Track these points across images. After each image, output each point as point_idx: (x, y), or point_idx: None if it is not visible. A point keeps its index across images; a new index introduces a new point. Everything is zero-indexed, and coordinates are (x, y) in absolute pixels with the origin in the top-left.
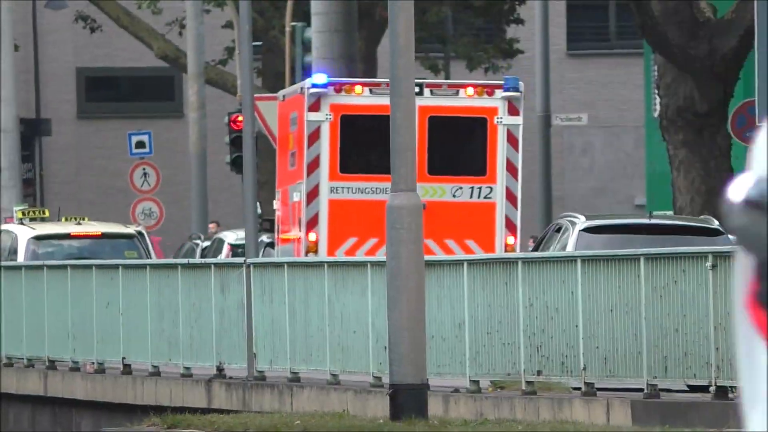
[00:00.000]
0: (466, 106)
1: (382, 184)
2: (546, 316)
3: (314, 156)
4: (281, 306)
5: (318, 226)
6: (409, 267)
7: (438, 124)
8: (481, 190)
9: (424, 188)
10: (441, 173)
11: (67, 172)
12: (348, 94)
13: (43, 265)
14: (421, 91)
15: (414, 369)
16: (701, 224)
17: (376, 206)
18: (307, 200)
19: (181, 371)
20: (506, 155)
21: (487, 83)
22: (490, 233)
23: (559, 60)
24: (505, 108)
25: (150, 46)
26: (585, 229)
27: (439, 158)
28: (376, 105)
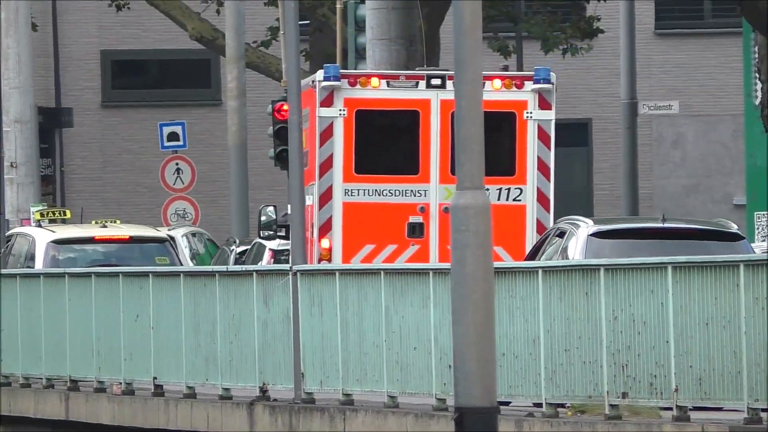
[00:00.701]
0: (494, 100)
1: (401, 185)
2: (632, 331)
3: (327, 155)
4: (332, 319)
5: (332, 231)
6: (477, 275)
7: None
8: (510, 192)
9: (447, 190)
10: None
11: (91, 168)
12: (363, 88)
13: (65, 273)
14: (443, 83)
15: (482, 390)
16: (719, 228)
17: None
18: (319, 204)
19: (220, 393)
20: (537, 153)
21: (516, 74)
22: (520, 239)
23: (646, 41)
24: (535, 101)
25: (184, 26)
26: (594, 234)
27: None
28: (395, 99)
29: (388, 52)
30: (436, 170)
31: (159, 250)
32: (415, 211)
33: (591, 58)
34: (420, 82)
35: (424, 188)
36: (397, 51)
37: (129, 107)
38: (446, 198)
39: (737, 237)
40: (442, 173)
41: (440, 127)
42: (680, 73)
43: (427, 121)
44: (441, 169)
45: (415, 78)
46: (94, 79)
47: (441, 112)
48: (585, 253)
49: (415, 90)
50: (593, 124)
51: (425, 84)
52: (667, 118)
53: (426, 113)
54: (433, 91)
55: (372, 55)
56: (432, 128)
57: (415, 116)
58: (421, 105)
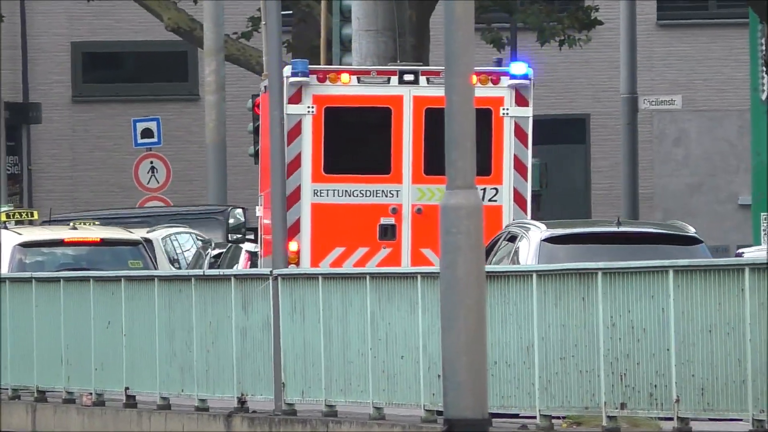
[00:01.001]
0: None
1: (372, 185)
2: (631, 338)
3: (295, 154)
4: (315, 326)
5: (300, 234)
6: (468, 279)
7: (436, 117)
8: (486, 192)
9: (420, 190)
10: (439, 173)
11: (61, 167)
12: (333, 84)
13: (32, 277)
14: (416, 79)
15: (473, 401)
16: (675, 232)
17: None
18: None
19: (196, 404)
20: (513, 151)
21: (492, 70)
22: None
23: (647, 32)
24: (512, 98)
25: (159, 16)
26: (547, 239)
27: (437, 156)
28: (366, 96)
29: (375, 44)
30: (408, 170)
31: (132, 254)
32: (386, 213)
33: (589, 51)
34: (392, 77)
35: (396, 188)
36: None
37: (101, 102)
38: (419, 199)
39: (695, 241)
40: (415, 173)
41: (413, 125)
42: (683, 67)
43: (399, 119)
44: (414, 168)
45: (387, 74)
46: (64, 72)
47: (414, 108)
48: (537, 258)
49: (387, 86)
50: (592, 120)
51: (398, 80)
52: (669, 114)
53: (398, 110)
54: (405, 87)
55: (358, 47)
56: (405, 126)
57: (387, 113)
58: (393, 102)
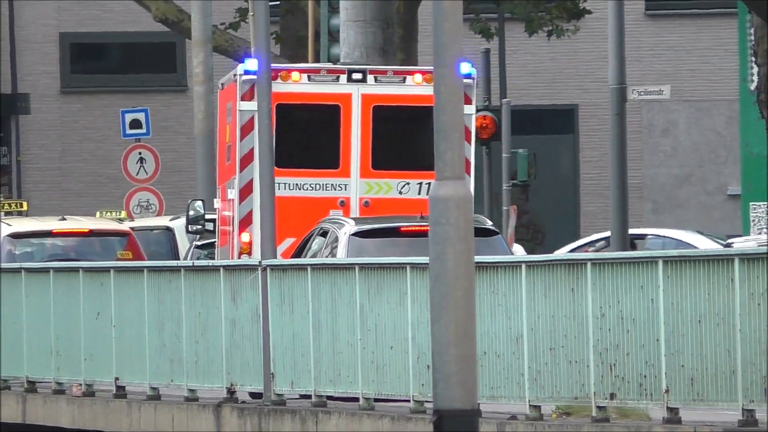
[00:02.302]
0: (414, 94)
1: (322, 179)
2: (621, 329)
3: (248, 149)
4: (304, 317)
5: (252, 225)
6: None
7: (383, 114)
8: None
9: (368, 184)
10: (386, 168)
11: (49, 157)
12: (285, 82)
13: (21, 267)
14: (364, 78)
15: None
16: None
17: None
18: (240, 197)
19: (185, 394)
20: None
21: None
22: None
23: (636, 22)
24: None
25: (147, 7)
26: (355, 233)
27: (385, 151)
28: (316, 93)
29: (363, 34)
30: (356, 164)
31: (121, 244)
32: (335, 205)
33: (577, 41)
34: (341, 76)
35: (345, 182)
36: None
37: (89, 93)
38: (367, 192)
39: (492, 233)
40: (362, 167)
41: (361, 122)
42: (672, 57)
43: (348, 116)
44: (362, 163)
45: (336, 72)
46: (52, 63)
47: (362, 106)
48: (347, 252)
49: (336, 84)
50: (579, 111)
51: (346, 78)
52: (657, 104)
53: (347, 107)
54: (354, 86)
55: (346, 37)
56: (353, 122)
57: (336, 110)
58: (342, 99)
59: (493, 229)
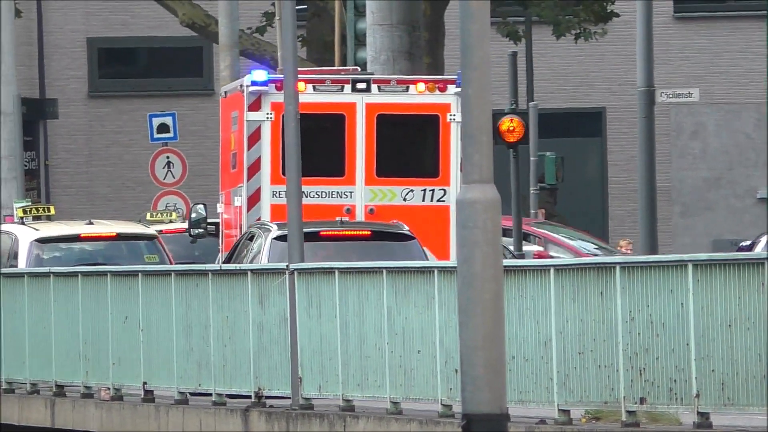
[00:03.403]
0: (417, 103)
1: (327, 187)
2: (650, 333)
3: (255, 158)
4: (331, 320)
5: None
6: (485, 274)
7: (387, 123)
8: (434, 193)
9: (372, 191)
10: (390, 175)
11: (77, 162)
12: None
13: (50, 272)
14: (368, 87)
15: (491, 396)
16: (393, 230)
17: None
18: (248, 205)
19: (213, 399)
20: (460, 155)
21: (439, 78)
22: (444, 238)
23: (664, 25)
24: (458, 104)
25: (174, 11)
26: (277, 237)
27: (389, 159)
28: (321, 103)
29: (390, 38)
30: (361, 172)
31: (148, 248)
32: (341, 212)
33: (605, 44)
34: (345, 86)
35: (350, 190)
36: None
37: (117, 97)
38: (371, 199)
39: (409, 237)
40: (367, 175)
41: (365, 130)
42: (700, 59)
43: (352, 124)
44: (366, 171)
45: (341, 82)
46: (80, 68)
47: (366, 115)
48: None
49: (341, 94)
50: (607, 113)
51: (350, 88)
52: (686, 107)
53: (351, 116)
54: (358, 95)
55: (373, 41)
56: (357, 131)
57: (341, 119)
58: (346, 108)
59: (410, 234)
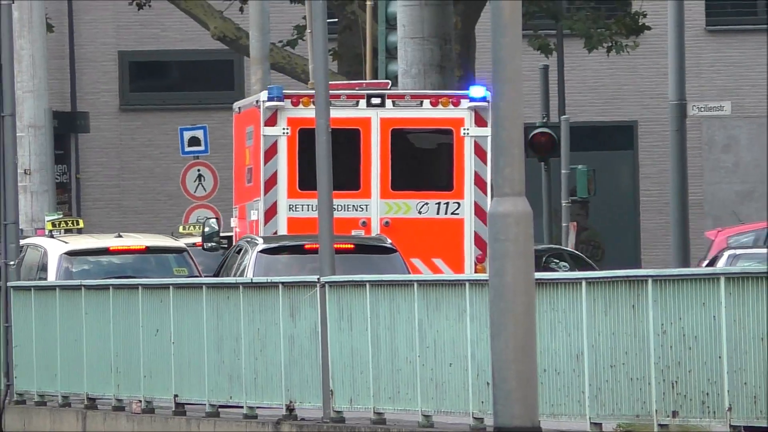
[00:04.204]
0: (431, 117)
1: (343, 201)
2: (683, 346)
3: (271, 172)
4: (362, 333)
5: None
6: (517, 286)
7: (401, 137)
8: (448, 206)
9: (388, 204)
10: (405, 188)
11: (108, 175)
12: (306, 107)
13: (81, 285)
14: (383, 102)
15: (523, 409)
16: (376, 243)
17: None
18: (265, 219)
19: (245, 411)
20: (474, 168)
21: (453, 93)
22: (459, 251)
23: (696, 38)
24: (471, 119)
25: (205, 25)
26: (263, 250)
27: (403, 173)
28: (337, 118)
29: (421, 51)
30: (377, 186)
31: (177, 261)
32: (357, 226)
33: (637, 57)
34: (360, 101)
35: (366, 203)
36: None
37: (148, 111)
38: (387, 212)
39: (391, 250)
40: (382, 189)
41: (380, 144)
42: (732, 72)
43: (367, 139)
44: (382, 184)
45: (356, 97)
46: (111, 81)
47: (381, 129)
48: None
49: (356, 109)
50: (639, 127)
51: (365, 103)
52: (718, 120)
53: (366, 131)
54: (373, 110)
55: (404, 54)
56: (372, 145)
57: (356, 134)
58: (361, 123)
59: (392, 247)
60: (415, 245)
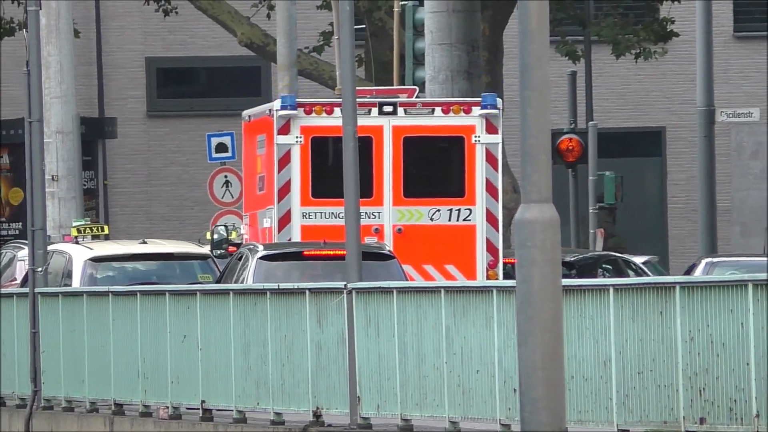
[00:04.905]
0: (443, 125)
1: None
2: (710, 353)
3: (285, 180)
4: (389, 340)
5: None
6: (544, 293)
7: (413, 145)
8: (460, 213)
9: (400, 211)
10: (417, 195)
11: (136, 181)
12: (319, 116)
13: (108, 291)
14: (394, 110)
15: (550, 416)
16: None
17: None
18: (278, 227)
19: (271, 417)
20: (485, 175)
21: (464, 101)
22: (471, 257)
23: (724, 44)
24: (482, 126)
25: (233, 31)
26: (263, 257)
27: (415, 180)
28: None
29: (448, 57)
30: (389, 193)
31: (202, 268)
32: (369, 233)
33: (665, 63)
34: (372, 109)
35: (378, 210)
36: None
37: (175, 117)
38: (399, 219)
39: (389, 257)
40: (395, 196)
41: (392, 152)
42: (761, 79)
43: (380, 146)
44: (394, 191)
45: (368, 105)
46: (138, 87)
47: (393, 137)
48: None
49: (368, 117)
50: (667, 133)
51: (377, 111)
52: (746, 127)
53: (379, 139)
54: (385, 118)
55: (431, 60)
56: (385, 153)
57: (369, 142)
58: (373, 131)
59: (389, 253)
60: (428, 252)
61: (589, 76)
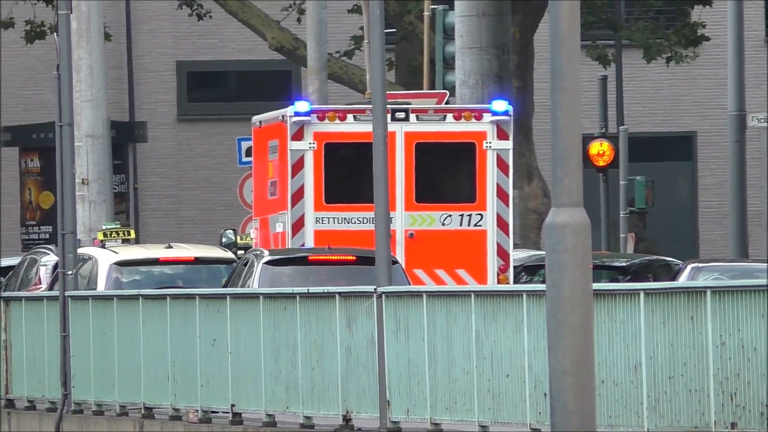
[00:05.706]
0: (454, 131)
1: (369, 213)
2: (742, 357)
3: (298, 186)
4: (419, 344)
5: None
6: (574, 297)
7: (425, 151)
8: (471, 218)
9: (412, 217)
10: (429, 201)
11: (166, 185)
12: (332, 122)
13: (139, 294)
14: (407, 116)
15: (580, 420)
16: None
17: (363, 236)
18: (292, 232)
19: (301, 421)
20: (496, 181)
21: (475, 107)
22: (482, 262)
23: (756, 48)
24: (494, 132)
25: (263, 35)
26: (268, 262)
27: (427, 185)
28: (362, 132)
29: (479, 61)
30: (401, 198)
31: (227, 272)
32: None
33: (696, 68)
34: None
35: (391, 215)
36: (488, 60)
37: (205, 121)
38: (411, 224)
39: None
40: (407, 201)
41: (405, 158)
42: None
43: (392, 152)
44: (406, 197)
45: None
46: (169, 91)
47: (405, 143)
48: (259, 281)
49: None
50: (698, 138)
51: (390, 117)
52: None
53: (391, 144)
54: (397, 124)
55: (462, 64)
56: (397, 158)
57: None
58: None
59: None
60: (439, 256)
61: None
